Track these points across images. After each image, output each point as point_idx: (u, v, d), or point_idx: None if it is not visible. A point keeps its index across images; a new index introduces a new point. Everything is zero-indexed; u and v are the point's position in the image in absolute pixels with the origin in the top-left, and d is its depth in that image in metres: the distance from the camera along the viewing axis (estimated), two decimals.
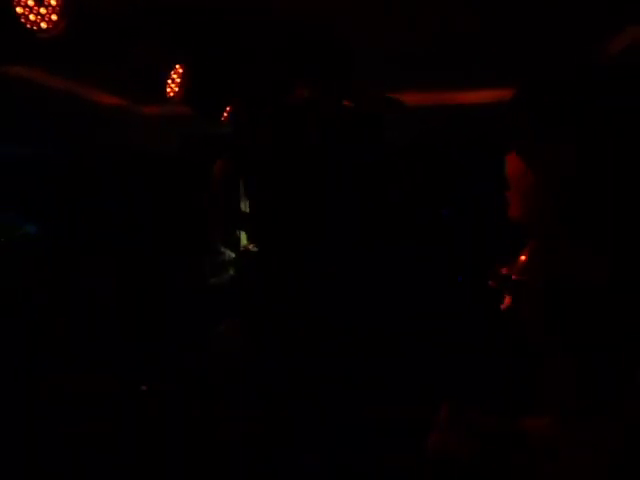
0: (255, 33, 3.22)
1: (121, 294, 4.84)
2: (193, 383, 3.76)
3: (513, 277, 2.16)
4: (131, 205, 5.40)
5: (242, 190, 5.99)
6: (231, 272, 5.69)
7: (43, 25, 2.01)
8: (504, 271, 2.44)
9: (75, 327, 4.25)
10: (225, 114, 3.74)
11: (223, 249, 5.70)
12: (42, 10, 1.99)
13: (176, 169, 5.65)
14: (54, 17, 2.04)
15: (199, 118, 3.80)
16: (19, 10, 1.91)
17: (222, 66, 3.33)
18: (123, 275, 5.05)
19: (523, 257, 2.18)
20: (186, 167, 5.70)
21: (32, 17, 1.96)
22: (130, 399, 3.55)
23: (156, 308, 4.73)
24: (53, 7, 2.01)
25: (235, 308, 5.05)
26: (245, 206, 6.00)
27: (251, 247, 5.92)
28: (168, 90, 3.14)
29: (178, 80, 3.14)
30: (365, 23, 3.23)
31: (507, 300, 2.33)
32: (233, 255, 5.79)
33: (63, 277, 4.75)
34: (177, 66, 3.13)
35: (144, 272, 5.13)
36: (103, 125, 4.99)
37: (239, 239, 5.94)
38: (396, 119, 4.94)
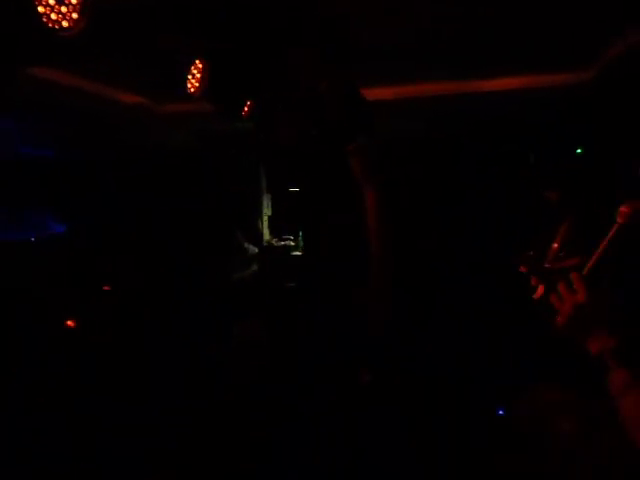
0: (274, 25, 3.19)
1: (145, 290, 4.87)
2: (212, 379, 3.76)
3: (546, 265, 2.09)
4: (154, 203, 5.43)
5: (264, 185, 6.01)
6: (254, 267, 5.70)
7: (64, 24, 2.00)
8: (534, 257, 2.38)
9: (101, 322, 4.29)
10: (245, 109, 3.72)
11: (246, 245, 5.71)
12: (63, 9, 1.98)
13: (197, 166, 5.66)
14: (75, 15, 2.03)
15: (219, 114, 3.78)
16: (41, 9, 1.91)
17: (242, 60, 3.31)
18: (147, 272, 5.08)
19: (555, 245, 2.12)
20: (206, 163, 5.72)
21: (53, 16, 1.96)
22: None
23: (179, 304, 4.75)
24: (74, 5, 2.01)
25: (257, 303, 5.06)
26: (267, 200, 6.01)
27: (274, 242, 5.93)
28: (189, 86, 3.12)
29: (198, 75, 3.13)
30: (380, 11, 3.19)
31: (540, 289, 2.26)
32: (256, 250, 5.80)
33: (88, 274, 4.79)
34: (197, 61, 3.11)
35: (168, 269, 5.15)
36: (124, 124, 5.01)
37: (262, 234, 5.96)
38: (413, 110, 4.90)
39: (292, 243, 5.41)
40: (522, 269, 3.04)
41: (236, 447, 3.11)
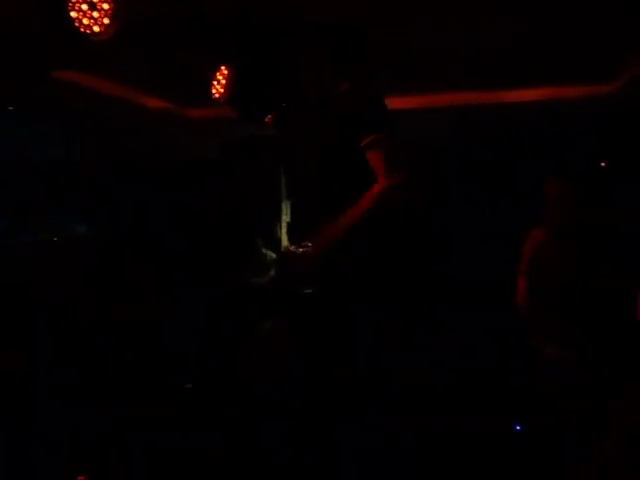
0: (299, 33, 3.23)
1: (165, 293, 4.92)
2: (235, 382, 3.78)
3: None
4: (174, 206, 5.49)
5: (284, 191, 6.03)
6: (272, 273, 5.72)
7: (96, 29, 2.06)
8: None
9: (118, 322, 4.34)
10: (269, 116, 3.75)
11: (264, 250, 5.74)
12: (95, 14, 2.04)
13: (218, 170, 5.71)
14: (106, 20, 2.09)
15: (242, 120, 3.82)
16: (74, 14, 1.96)
17: (267, 67, 3.35)
18: (166, 275, 5.13)
19: None
20: (227, 168, 5.77)
21: (85, 21, 2.01)
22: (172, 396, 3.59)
23: (199, 307, 4.79)
24: (105, 11, 2.06)
25: (276, 308, 5.08)
26: (286, 207, 6.03)
27: (292, 248, 5.94)
28: (213, 91, 3.17)
29: (223, 81, 3.17)
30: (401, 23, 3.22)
31: None
32: (274, 256, 5.82)
33: (110, 276, 4.86)
34: (222, 67, 3.16)
35: (187, 272, 5.20)
36: (149, 128, 5.09)
37: (280, 240, 5.98)
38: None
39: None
40: None
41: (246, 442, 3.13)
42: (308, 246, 5.47)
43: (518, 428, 3.72)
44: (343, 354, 2.41)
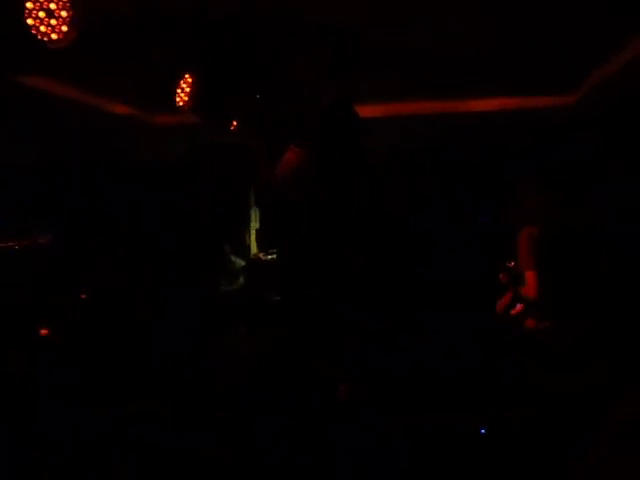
0: (264, 40, 3.24)
1: (134, 301, 4.87)
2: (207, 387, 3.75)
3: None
4: (142, 213, 5.44)
5: (252, 198, 6.04)
6: (241, 280, 5.72)
7: (54, 36, 2.04)
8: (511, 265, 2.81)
9: (90, 331, 4.26)
10: (234, 124, 3.75)
11: (234, 258, 5.73)
12: (52, 22, 2.02)
13: (186, 177, 5.68)
14: (64, 28, 2.07)
15: (207, 128, 3.82)
16: (30, 22, 1.94)
17: (231, 76, 3.35)
18: (135, 283, 5.07)
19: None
20: (195, 175, 5.75)
21: (43, 28, 1.99)
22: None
23: (169, 314, 4.74)
24: (63, 19, 2.04)
25: (245, 316, 5.07)
26: (255, 214, 6.04)
27: (261, 256, 5.95)
28: (177, 99, 3.16)
29: (187, 90, 3.17)
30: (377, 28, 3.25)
31: (519, 307, 2.52)
32: (243, 263, 5.82)
33: (76, 283, 4.78)
34: (186, 75, 3.16)
35: (156, 280, 5.15)
36: (115, 134, 5.04)
37: (249, 248, 5.98)
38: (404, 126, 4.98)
39: None
40: (502, 278, 3.37)
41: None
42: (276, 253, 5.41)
43: (483, 431, 3.76)
44: (328, 355, 2.43)
